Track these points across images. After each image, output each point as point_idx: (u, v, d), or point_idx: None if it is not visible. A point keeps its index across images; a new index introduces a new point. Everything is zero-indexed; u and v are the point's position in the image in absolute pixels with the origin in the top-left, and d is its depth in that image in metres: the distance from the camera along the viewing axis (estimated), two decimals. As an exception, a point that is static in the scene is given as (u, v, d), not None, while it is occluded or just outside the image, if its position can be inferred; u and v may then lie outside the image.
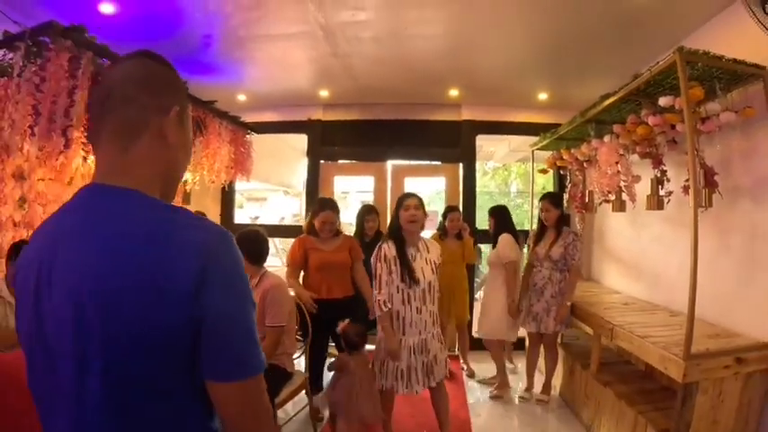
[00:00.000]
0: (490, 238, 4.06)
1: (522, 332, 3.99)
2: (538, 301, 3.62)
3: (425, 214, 2.76)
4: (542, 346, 3.79)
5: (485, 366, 4.30)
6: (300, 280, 3.42)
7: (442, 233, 4.32)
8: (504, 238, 3.81)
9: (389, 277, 2.64)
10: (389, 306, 2.63)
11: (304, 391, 3.02)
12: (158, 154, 0.84)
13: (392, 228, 2.79)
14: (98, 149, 0.84)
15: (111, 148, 0.82)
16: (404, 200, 2.75)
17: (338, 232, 3.42)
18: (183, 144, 0.90)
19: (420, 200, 2.75)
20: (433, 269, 2.74)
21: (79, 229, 0.77)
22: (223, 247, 0.78)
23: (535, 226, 3.98)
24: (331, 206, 3.35)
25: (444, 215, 4.30)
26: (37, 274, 0.78)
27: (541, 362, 3.95)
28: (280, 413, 2.75)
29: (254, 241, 2.78)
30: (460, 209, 4.61)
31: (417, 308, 2.66)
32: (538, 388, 3.81)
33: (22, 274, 0.82)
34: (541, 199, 3.77)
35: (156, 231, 0.75)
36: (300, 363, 3.19)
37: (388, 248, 2.67)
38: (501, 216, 4.00)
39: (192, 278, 0.73)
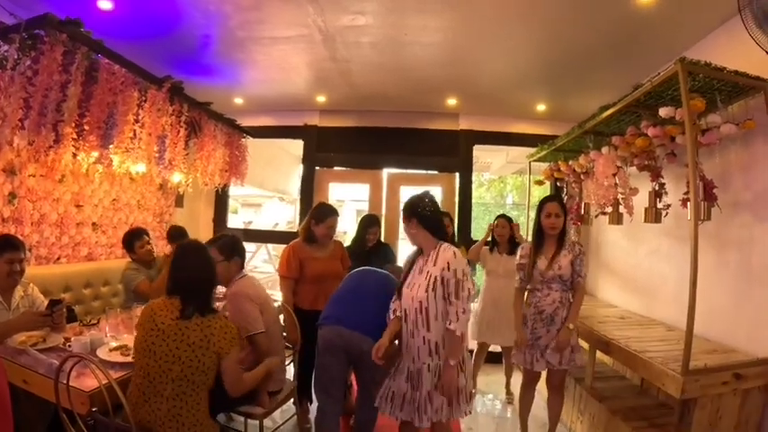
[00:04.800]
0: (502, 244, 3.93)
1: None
2: (548, 332, 2.82)
3: (420, 224, 2.29)
4: (547, 387, 3.10)
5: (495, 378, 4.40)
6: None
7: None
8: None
9: None
10: (398, 314, 2.35)
11: (292, 401, 2.94)
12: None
13: None
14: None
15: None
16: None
17: None
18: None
19: (410, 207, 2.33)
20: (429, 286, 2.18)
21: (369, 272, 2.85)
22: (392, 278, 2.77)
23: (531, 237, 3.18)
24: (336, 212, 3.31)
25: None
26: (360, 276, 2.83)
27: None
28: (267, 422, 2.66)
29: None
30: (457, 217, 4.49)
31: (410, 331, 2.27)
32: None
33: (353, 276, 2.86)
34: (547, 201, 2.89)
35: (384, 276, 2.81)
36: (289, 370, 3.12)
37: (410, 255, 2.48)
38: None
39: (395, 286, 2.51)
